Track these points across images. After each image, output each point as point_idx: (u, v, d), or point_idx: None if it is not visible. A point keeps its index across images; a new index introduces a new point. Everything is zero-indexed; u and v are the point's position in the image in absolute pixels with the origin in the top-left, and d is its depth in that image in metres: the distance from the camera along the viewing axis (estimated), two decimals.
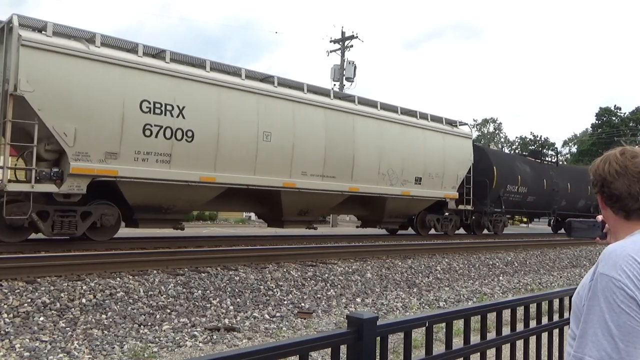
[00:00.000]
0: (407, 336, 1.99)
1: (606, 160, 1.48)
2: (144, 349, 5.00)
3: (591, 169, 1.53)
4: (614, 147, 1.54)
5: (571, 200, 24.03)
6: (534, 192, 21.19)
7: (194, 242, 11.64)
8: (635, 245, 1.34)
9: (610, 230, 1.55)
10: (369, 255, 10.96)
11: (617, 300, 1.25)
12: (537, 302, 2.70)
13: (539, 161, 23.68)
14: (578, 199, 24.79)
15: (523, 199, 20.93)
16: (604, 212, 1.51)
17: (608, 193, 1.45)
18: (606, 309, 1.26)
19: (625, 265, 1.28)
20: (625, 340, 1.23)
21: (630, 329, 1.23)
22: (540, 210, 22.74)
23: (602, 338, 1.25)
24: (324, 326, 6.25)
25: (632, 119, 57.32)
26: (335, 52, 32.89)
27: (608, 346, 1.23)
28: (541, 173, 22.15)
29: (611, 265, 1.30)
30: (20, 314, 5.48)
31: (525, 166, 21.47)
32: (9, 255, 7.69)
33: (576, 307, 1.42)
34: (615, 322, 1.24)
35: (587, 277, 1.40)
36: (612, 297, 1.26)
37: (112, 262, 7.63)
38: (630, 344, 1.22)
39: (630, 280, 1.26)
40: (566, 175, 24.07)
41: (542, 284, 10.77)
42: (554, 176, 22.76)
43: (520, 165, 21.18)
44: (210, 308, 6.55)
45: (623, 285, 1.26)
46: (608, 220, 1.52)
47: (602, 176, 1.46)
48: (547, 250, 15.45)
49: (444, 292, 9.06)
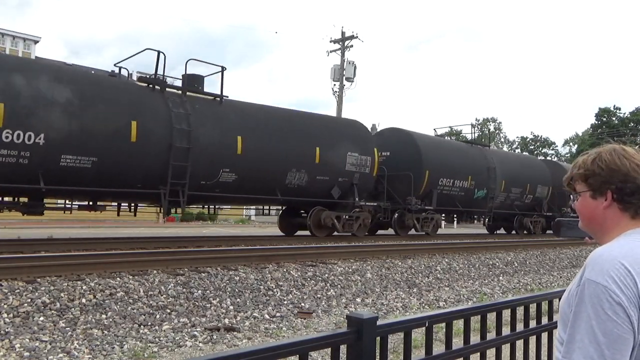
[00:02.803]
0: (407, 336, 1.99)
1: (619, 155, 1.43)
2: (144, 349, 5.00)
3: (599, 164, 1.44)
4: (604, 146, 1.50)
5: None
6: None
7: (194, 242, 11.66)
8: (622, 249, 1.31)
9: (598, 230, 1.48)
10: (369, 255, 10.96)
11: (604, 307, 1.23)
12: (537, 302, 2.70)
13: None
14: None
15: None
16: (605, 210, 1.45)
17: (630, 188, 1.40)
18: (593, 316, 1.24)
19: (612, 271, 1.26)
20: (611, 347, 1.21)
21: (616, 336, 1.21)
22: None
23: (588, 345, 1.23)
24: (324, 326, 6.25)
25: (632, 120, 57.31)
26: (335, 52, 32.88)
27: (595, 353, 1.22)
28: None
29: (598, 271, 1.28)
30: (20, 314, 5.48)
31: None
32: (9, 255, 7.70)
33: (563, 312, 1.40)
34: (602, 330, 1.22)
35: (574, 282, 1.38)
36: (599, 304, 1.24)
37: (112, 262, 7.63)
38: (616, 352, 1.21)
39: (617, 287, 1.24)
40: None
41: (542, 284, 10.77)
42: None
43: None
44: (210, 308, 6.56)
45: (610, 292, 1.24)
46: (606, 219, 1.45)
47: (622, 171, 1.41)
48: (547, 250, 15.45)
49: (444, 292, 9.06)
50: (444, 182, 17.48)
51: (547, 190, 22.52)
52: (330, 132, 14.77)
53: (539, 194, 22.26)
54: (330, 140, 14.54)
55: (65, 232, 15.63)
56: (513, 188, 20.72)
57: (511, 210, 21.35)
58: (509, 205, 21.16)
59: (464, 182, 18.34)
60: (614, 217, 1.44)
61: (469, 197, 18.75)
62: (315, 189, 14.13)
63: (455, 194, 18.18)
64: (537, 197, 22.23)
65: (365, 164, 15.23)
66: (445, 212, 19.52)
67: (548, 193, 22.62)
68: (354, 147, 14.99)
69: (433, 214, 17.39)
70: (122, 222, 21.03)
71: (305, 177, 13.76)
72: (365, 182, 15.35)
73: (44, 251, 8.96)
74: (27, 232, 14.52)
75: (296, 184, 13.64)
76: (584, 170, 1.48)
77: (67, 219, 19.37)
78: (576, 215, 1.56)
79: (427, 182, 16.78)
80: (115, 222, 21.61)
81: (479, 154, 19.67)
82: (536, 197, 22.19)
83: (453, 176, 17.81)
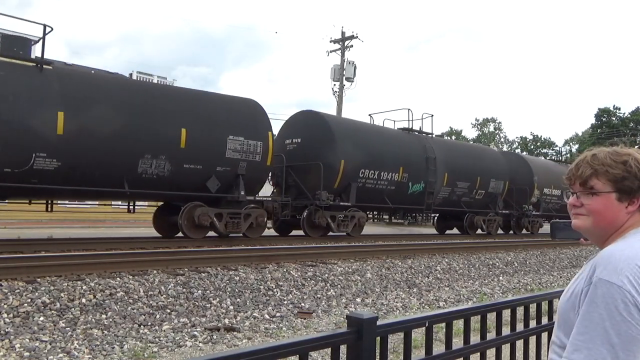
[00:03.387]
0: (407, 336, 1.99)
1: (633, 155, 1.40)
2: (144, 349, 5.01)
3: (617, 161, 1.39)
4: None
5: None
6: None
7: (194, 242, 11.64)
8: (633, 249, 1.29)
9: (608, 231, 1.42)
10: (369, 255, 10.96)
11: (618, 307, 1.20)
12: (537, 302, 2.70)
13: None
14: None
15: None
16: (628, 214, 1.39)
17: None
18: (607, 317, 1.20)
19: (627, 271, 1.23)
20: (625, 349, 1.18)
21: (631, 337, 1.18)
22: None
23: (600, 346, 1.19)
24: (324, 326, 6.25)
25: (632, 120, 57.33)
26: (335, 52, 32.90)
27: (608, 355, 1.18)
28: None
29: (612, 271, 1.24)
30: (20, 314, 5.48)
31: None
32: (9, 255, 7.70)
33: (566, 315, 1.36)
34: (616, 331, 1.19)
35: (579, 283, 1.35)
36: (614, 304, 1.20)
37: (112, 262, 7.63)
38: (630, 353, 1.18)
39: (633, 287, 1.21)
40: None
41: (542, 284, 10.77)
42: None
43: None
44: (210, 308, 6.56)
45: (626, 292, 1.20)
46: (624, 222, 1.39)
47: None
48: (547, 250, 15.45)
49: (444, 292, 9.06)
50: (367, 174, 14.80)
51: (503, 185, 19.85)
52: (203, 111, 12.00)
53: (493, 189, 19.40)
54: (203, 121, 11.82)
55: (65, 232, 15.63)
56: (459, 182, 17.91)
57: (458, 207, 18.47)
58: (455, 202, 18.24)
59: (394, 175, 15.63)
60: (632, 220, 1.40)
61: (402, 192, 16.09)
62: (184, 181, 11.48)
63: (383, 188, 15.45)
64: (490, 193, 19.36)
65: (255, 150, 12.47)
66: (371, 209, 16.55)
67: (504, 188, 19.95)
68: (238, 130, 12.26)
69: (355, 212, 14.68)
70: (122, 222, 21.00)
71: (166, 165, 11.06)
72: (256, 173, 12.63)
73: (44, 251, 8.96)
74: (27, 232, 14.52)
75: (154, 174, 10.95)
76: (620, 171, 1.38)
77: (66, 218, 19.38)
78: (567, 215, 1.53)
79: (343, 173, 14.11)
80: (115, 222, 21.59)
81: (415, 143, 16.95)
82: (489, 192, 19.28)
83: (379, 167, 15.10)
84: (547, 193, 22.48)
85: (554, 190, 22.73)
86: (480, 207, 19.30)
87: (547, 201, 22.57)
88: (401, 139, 16.83)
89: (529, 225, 21.47)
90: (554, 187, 22.56)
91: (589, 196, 1.41)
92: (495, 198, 19.82)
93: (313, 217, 13.83)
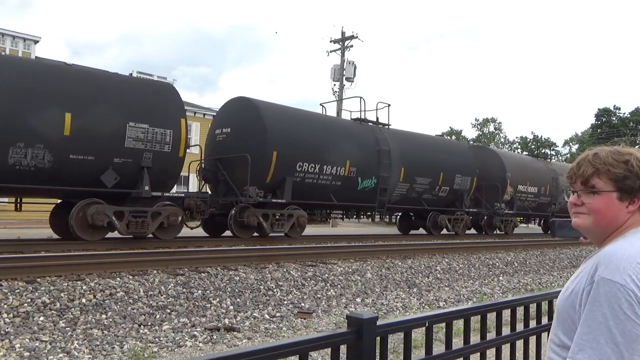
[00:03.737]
0: (407, 336, 1.99)
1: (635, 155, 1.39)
2: (144, 349, 5.01)
3: (619, 161, 1.39)
4: None
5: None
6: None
7: (194, 242, 11.65)
8: (634, 248, 1.29)
9: (609, 230, 1.42)
10: (369, 255, 10.97)
11: (622, 306, 1.19)
12: (537, 302, 2.71)
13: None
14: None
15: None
16: (628, 213, 1.39)
17: None
18: (610, 316, 1.20)
19: (630, 270, 1.23)
20: (629, 348, 1.18)
21: (635, 336, 1.18)
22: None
23: (604, 346, 1.19)
24: (324, 326, 6.25)
25: (632, 120, 57.35)
26: (335, 52, 32.93)
27: (612, 354, 1.18)
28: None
29: (614, 270, 1.24)
30: (20, 314, 5.48)
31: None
32: (9, 255, 7.70)
33: (565, 313, 1.35)
34: (620, 330, 1.18)
35: (580, 282, 1.34)
36: (617, 303, 1.20)
37: (112, 262, 7.63)
38: (635, 352, 1.18)
39: (635, 286, 1.21)
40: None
41: (542, 284, 10.77)
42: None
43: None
44: (210, 308, 6.56)
45: (629, 290, 1.20)
46: (625, 221, 1.39)
47: None
48: (547, 250, 15.45)
49: (444, 292, 9.06)
50: (306, 168, 13.27)
51: (471, 181, 18.29)
52: (95, 94, 10.31)
53: (459, 186, 17.82)
54: (94, 105, 10.14)
55: None
56: (418, 177, 16.33)
57: (418, 205, 16.91)
58: (414, 200, 16.66)
59: (340, 169, 14.06)
60: (632, 219, 1.40)
61: (350, 188, 14.58)
62: (71, 174, 9.90)
63: (327, 183, 13.92)
64: (456, 190, 17.81)
65: (163, 140, 10.92)
66: (312, 207, 14.82)
67: (472, 185, 18.36)
68: (141, 116, 10.68)
69: (294, 210, 13.22)
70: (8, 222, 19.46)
71: (47, 155, 9.53)
72: (166, 165, 11.03)
73: (44, 251, 8.96)
74: (27, 232, 14.52)
75: (31, 166, 9.43)
76: (622, 171, 1.38)
77: None
78: (567, 214, 1.53)
79: (276, 167, 12.66)
80: None
81: (366, 134, 15.37)
82: (455, 189, 17.74)
83: (320, 160, 13.58)
84: (522, 190, 20.65)
85: (530, 188, 21.05)
86: (445, 205, 17.79)
87: (522, 199, 20.75)
88: (349, 129, 15.23)
89: (501, 225, 19.70)
90: (530, 184, 20.94)
91: (590, 195, 1.41)
92: (462, 195, 18.15)
93: (241, 216, 12.18)
